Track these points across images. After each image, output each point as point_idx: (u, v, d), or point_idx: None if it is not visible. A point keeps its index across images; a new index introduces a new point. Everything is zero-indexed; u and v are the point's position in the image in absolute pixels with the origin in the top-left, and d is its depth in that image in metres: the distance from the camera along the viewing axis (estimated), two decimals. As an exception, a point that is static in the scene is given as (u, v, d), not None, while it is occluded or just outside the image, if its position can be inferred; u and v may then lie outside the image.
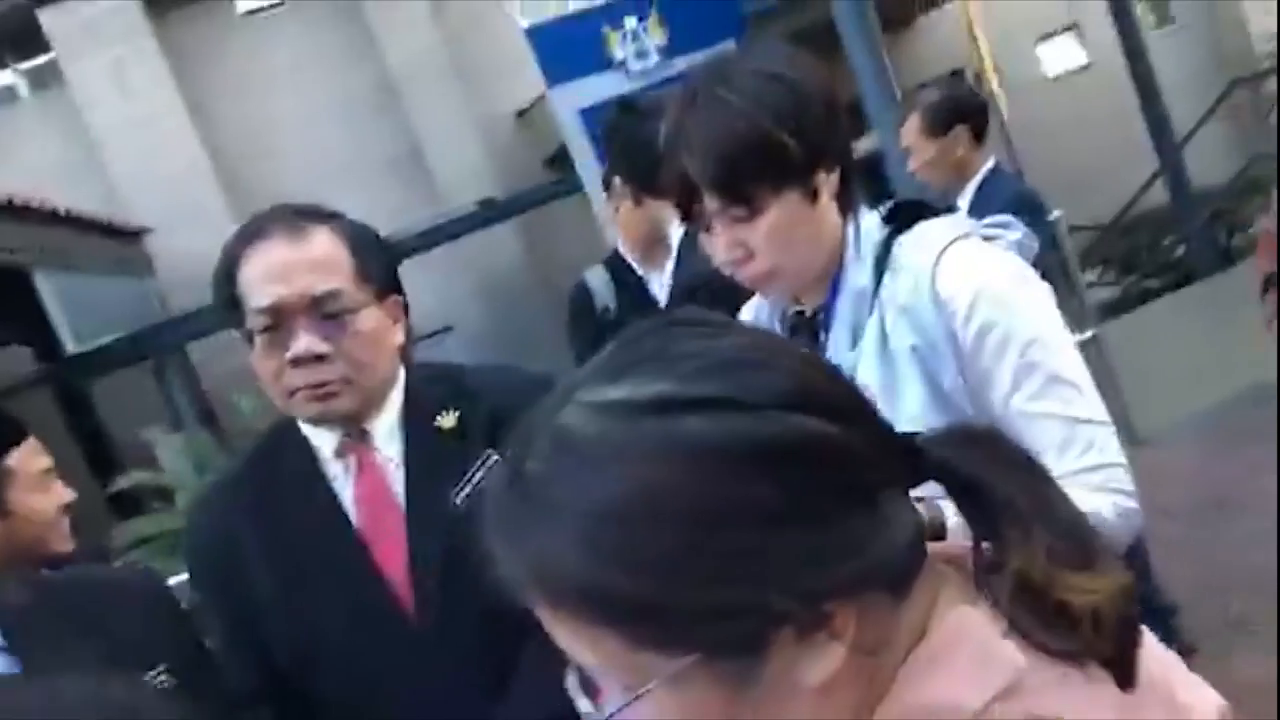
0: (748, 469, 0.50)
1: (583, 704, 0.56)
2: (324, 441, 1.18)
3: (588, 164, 4.13)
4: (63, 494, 1.77)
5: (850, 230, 1.11)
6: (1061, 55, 9.05)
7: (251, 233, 1.14)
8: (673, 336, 0.56)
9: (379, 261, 1.18)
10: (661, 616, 0.50)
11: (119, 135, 7.79)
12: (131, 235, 7.44)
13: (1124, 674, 0.56)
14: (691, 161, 1.06)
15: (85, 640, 1.01)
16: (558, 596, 0.52)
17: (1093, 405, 1.01)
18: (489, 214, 7.10)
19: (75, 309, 6.65)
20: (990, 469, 0.58)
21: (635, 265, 3.02)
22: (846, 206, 1.10)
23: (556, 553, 0.51)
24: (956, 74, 6.68)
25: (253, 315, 1.11)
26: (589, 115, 4.17)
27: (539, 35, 4.24)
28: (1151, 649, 0.59)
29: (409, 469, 1.16)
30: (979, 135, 2.60)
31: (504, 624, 0.76)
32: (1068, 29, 8.93)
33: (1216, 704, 0.60)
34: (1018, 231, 1.13)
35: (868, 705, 0.55)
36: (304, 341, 1.10)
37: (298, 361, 1.09)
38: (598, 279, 2.81)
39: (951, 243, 1.07)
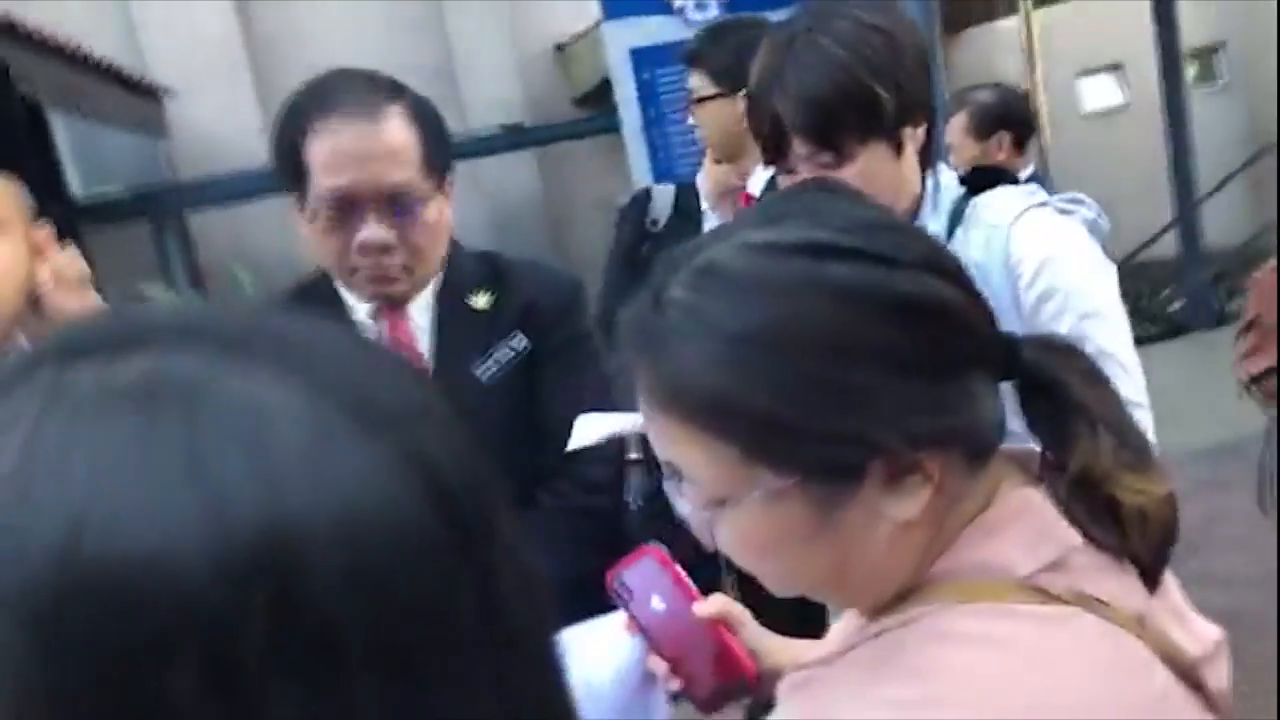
0: (881, 315, 0.57)
1: (682, 506, 0.62)
2: (359, 302, 1.22)
3: (630, 103, 4.15)
4: (96, 304, 1.80)
5: (930, 184, 1.16)
6: (1101, 92, 9.08)
7: (323, 102, 1.14)
8: (826, 198, 0.63)
9: (442, 145, 1.20)
10: (781, 434, 0.57)
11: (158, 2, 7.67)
12: (151, 94, 7.35)
13: (1152, 576, 0.63)
14: (785, 106, 1.10)
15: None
16: (690, 407, 0.58)
17: (1137, 387, 1.07)
18: (513, 139, 7.08)
19: (85, 157, 6.59)
20: (1069, 374, 0.64)
21: (704, 200, 3.07)
22: (927, 161, 1.15)
23: (697, 368, 0.57)
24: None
25: (320, 194, 1.12)
26: (639, 55, 4.19)
27: (605, -33, 4.23)
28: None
29: (438, 338, 1.20)
30: (1021, 143, 2.66)
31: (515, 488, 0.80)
32: (1111, 68, 8.95)
33: (1216, 632, 0.67)
34: (1092, 211, 1.18)
35: (930, 555, 0.61)
36: (373, 231, 1.12)
37: (364, 248, 1.12)
38: (663, 195, 2.82)
39: (1028, 209, 1.11)
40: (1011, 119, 2.62)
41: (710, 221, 2.40)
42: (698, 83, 1.96)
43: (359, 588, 0.28)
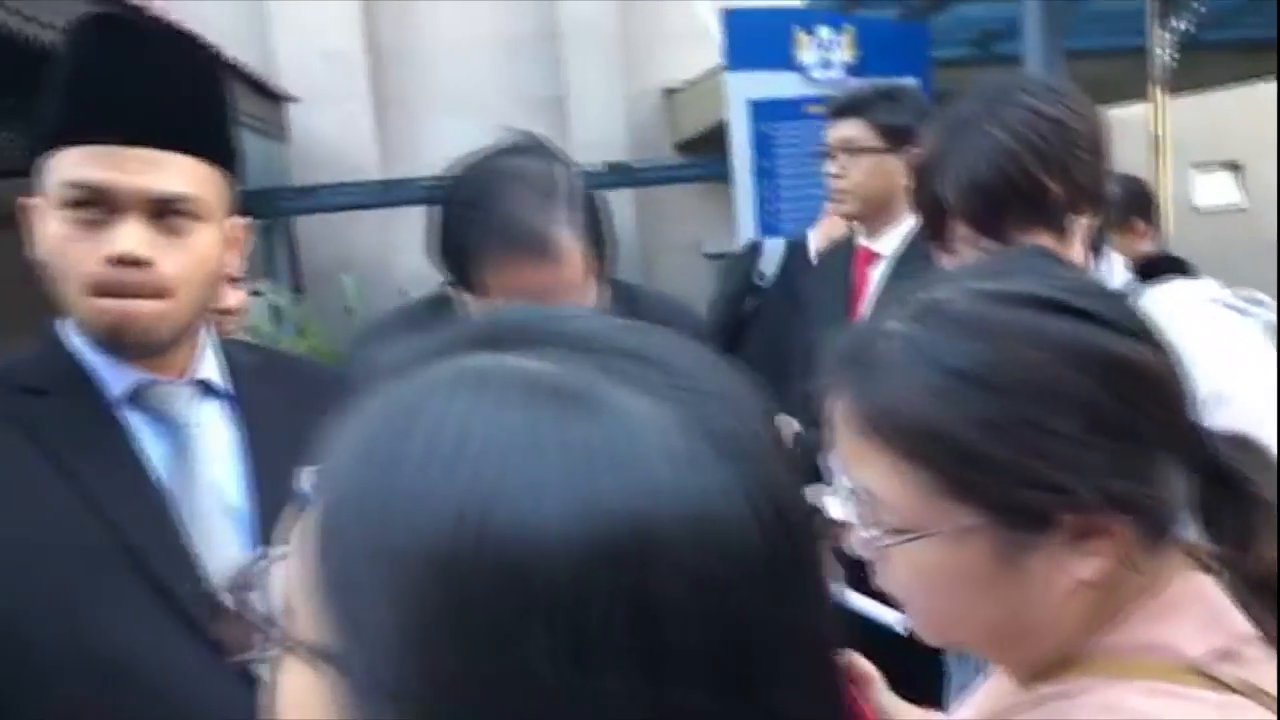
0: (1094, 373, 0.59)
1: (856, 535, 0.63)
2: None
3: (743, 153, 4.20)
4: (238, 298, 1.87)
5: (1101, 270, 1.15)
6: (1216, 189, 8.89)
7: (502, 231, 1.10)
8: (1051, 262, 0.65)
9: (601, 244, 1.17)
10: (982, 470, 0.59)
11: (290, 6, 8.00)
12: (277, 100, 7.66)
13: None
14: (947, 189, 1.10)
15: (292, 411, 1.10)
16: (895, 433, 0.60)
17: None
18: (615, 177, 7.20)
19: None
20: (1256, 471, 0.65)
21: (814, 258, 3.10)
22: (1095, 247, 1.14)
23: (910, 395, 0.60)
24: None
25: (484, 300, 1.12)
26: (757, 107, 4.24)
27: (732, 18, 4.31)
28: None
29: None
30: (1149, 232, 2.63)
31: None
32: (1228, 166, 8.77)
33: None
34: (1271, 312, 1.14)
35: (1096, 626, 0.62)
36: None
37: None
38: (774, 249, 2.85)
39: (1202, 304, 1.09)
40: (1140, 207, 2.60)
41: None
42: (859, 134, 1.97)
43: (704, 593, 0.31)
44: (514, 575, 0.30)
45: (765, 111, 4.25)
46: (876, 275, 2.01)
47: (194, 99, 0.98)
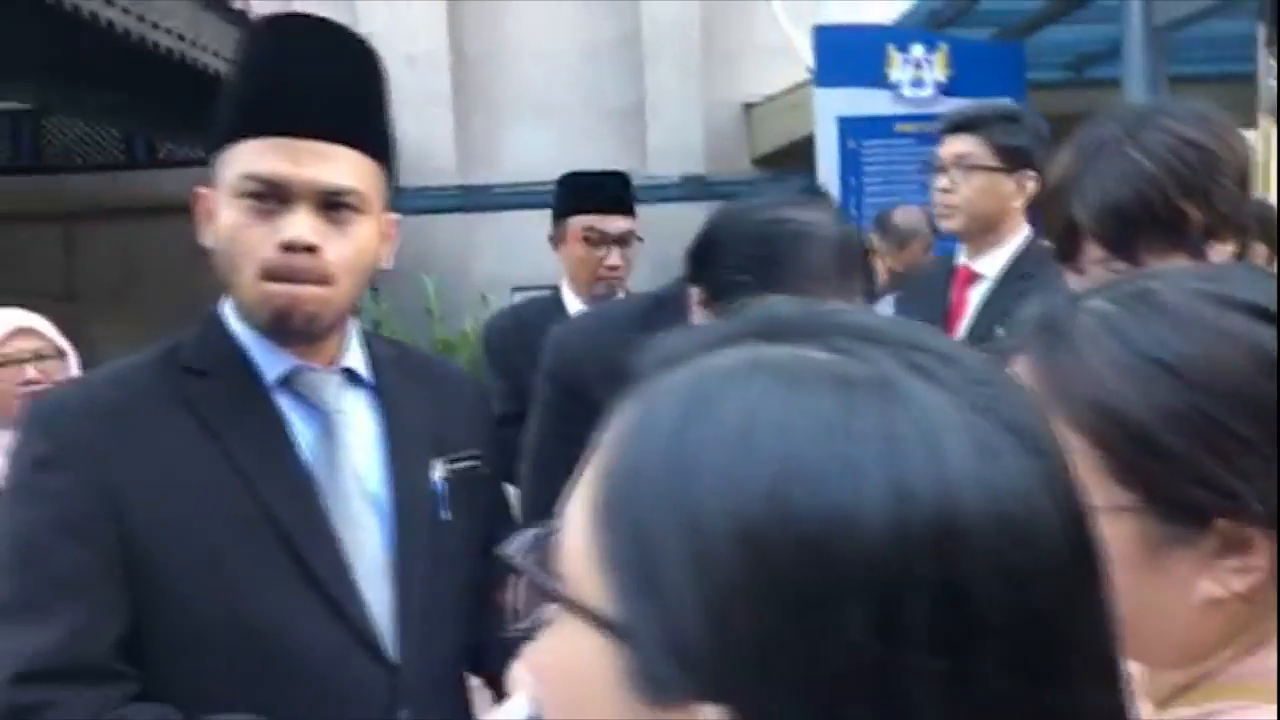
0: None
1: None
2: None
3: (830, 170, 4.19)
4: None
5: None
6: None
7: (813, 271, 1.14)
8: (1265, 275, 0.64)
9: None
10: (1153, 457, 0.59)
11: (380, 9, 8.17)
12: (362, 101, 7.83)
13: None
14: (1082, 210, 1.08)
15: (427, 405, 1.13)
16: (1074, 405, 0.61)
17: None
18: (691, 189, 7.22)
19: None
20: None
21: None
22: None
23: (1099, 371, 0.61)
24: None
25: None
26: (846, 124, 4.23)
27: (824, 35, 4.31)
28: None
29: None
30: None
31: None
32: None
33: None
34: None
35: (1238, 647, 0.60)
36: None
37: None
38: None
39: None
40: (1267, 234, 2.54)
41: (881, 308, 2.41)
42: (974, 150, 1.95)
43: (1006, 580, 0.32)
44: (821, 551, 0.31)
45: (853, 128, 4.24)
46: (976, 296, 1.99)
47: (360, 96, 1.02)
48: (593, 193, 2.44)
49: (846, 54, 4.25)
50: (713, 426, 0.34)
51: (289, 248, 0.96)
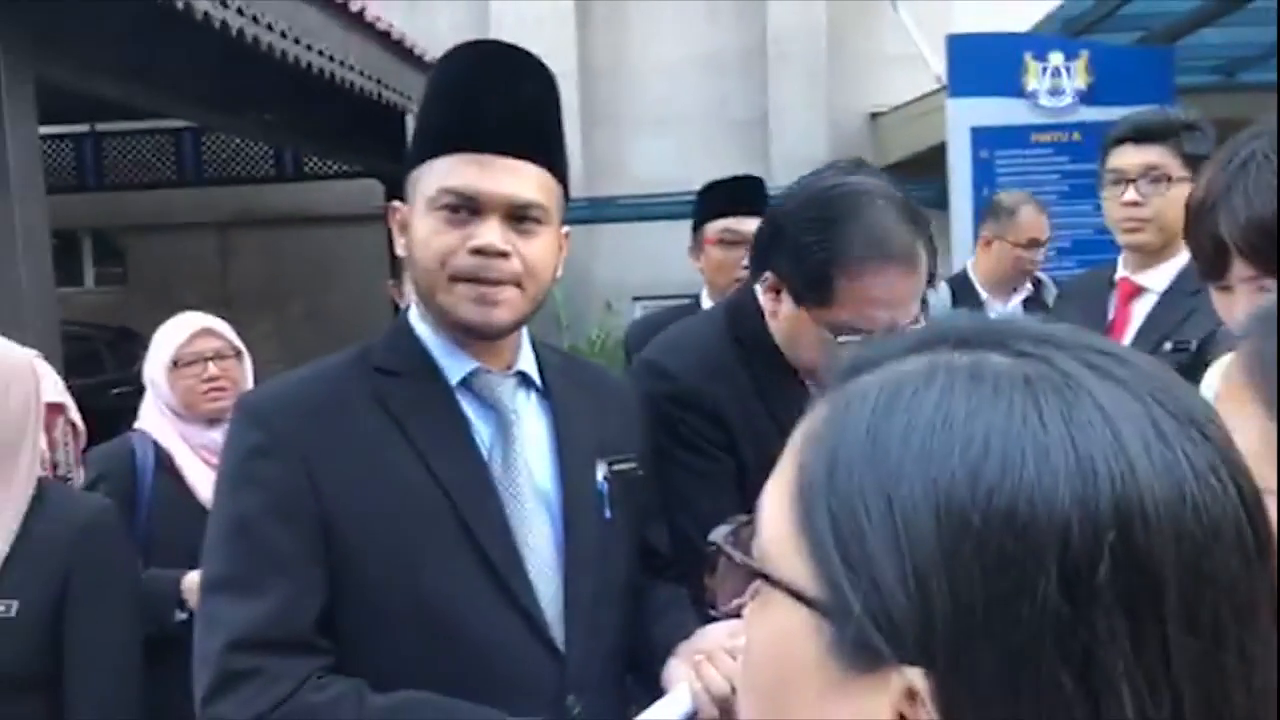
0: None
1: None
2: None
3: (962, 180, 4.13)
4: None
5: None
6: None
7: (877, 244, 1.20)
8: None
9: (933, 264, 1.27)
10: None
11: (511, 20, 8.40)
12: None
13: None
14: (1230, 228, 1.06)
15: (590, 409, 1.19)
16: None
17: None
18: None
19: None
20: None
21: (980, 290, 3.06)
22: None
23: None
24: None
25: (845, 320, 1.21)
26: (979, 134, 4.16)
27: (957, 44, 4.25)
28: None
29: None
30: None
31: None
32: None
33: None
34: None
35: None
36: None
37: None
38: (934, 296, 2.91)
39: None
40: None
41: (992, 311, 2.35)
42: (1166, 161, 1.87)
43: (1182, 551, 0.36)
44: (1015, 523, 0.35)
45: (987, 139, 4.16)
46: (1141, 310, 1.93)
47: (543, 116, 1.09)
48: (727, 196, 2.50)
49: (981, 63, 4.18)
50: (909, 416, 0.39)
51: (481, 252, 1.04)
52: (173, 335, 2.16)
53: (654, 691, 1.10)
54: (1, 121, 3.83)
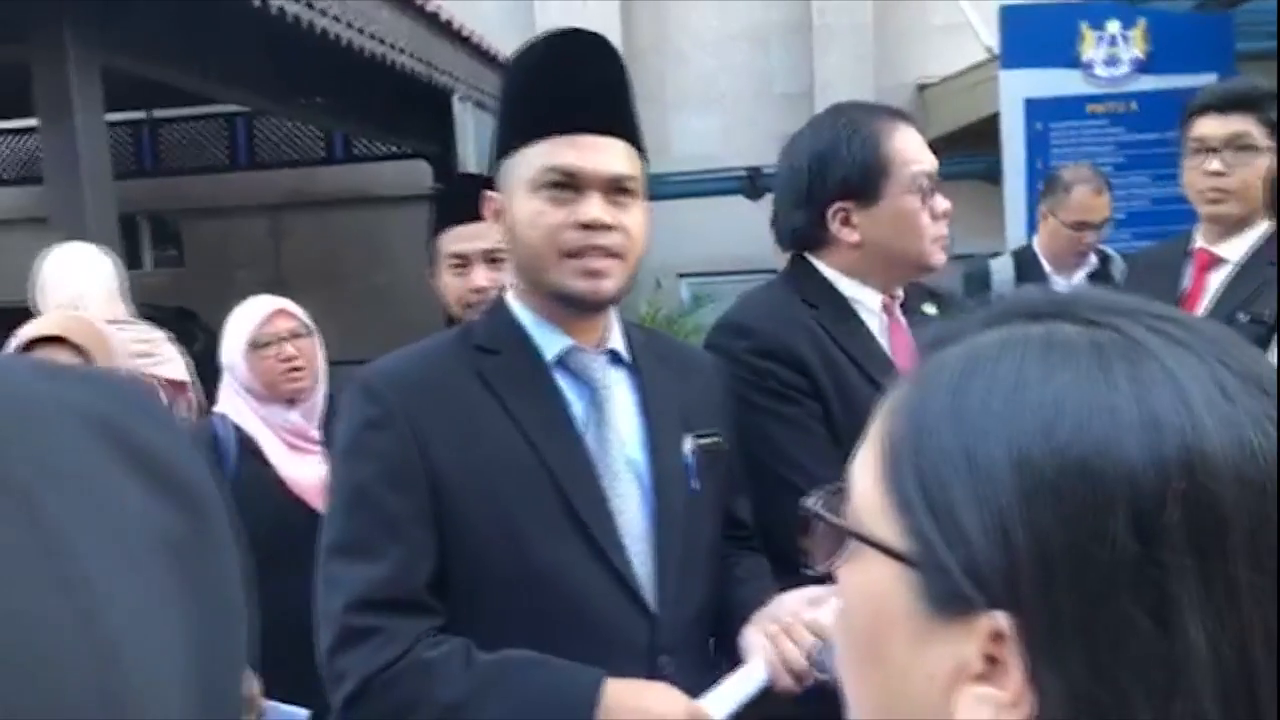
0: None
1: None
2: (867, 296, 1.43)
3: (1016, 153, 4.10)
4: (489, 277, 1.95)
5: None
6: None
7: (892, 116, 1.46)
8: None
9: None
10: None
11: (554, 6, 8.41)
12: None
13: None
14: None
15: (676, 384, 1.24)
16: None
17: None
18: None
19: (482, 145, 7.35)
20: None
21: (1044, 264, 3.05)
22: None
23: None
24: None
25: (909, 180, 1.41)
26: (1033, 106, 4.12)
27: (1010, 14, 4.20)
28: None
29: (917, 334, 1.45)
30: None
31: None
32: None
33: None
34: None
35: None
36: (939, 202, 1.41)
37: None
38: (1002, 265, 2.94)
39: None
40: None
41: (1054, 283, 2.36)
42: (1253, 130, 1.86)
43: (1244, 494, 0.39)
44: (1088, 473, 0.39)
45: (1041, 110, 4.12)
46: (1216, 280, 1.93)
47: (623, 94, 1.15)
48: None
49: (1035, 33, 4.14)
50: (988, 383, 0.42)
51: (588, 226, 1.09)
52: (249, 318, 2.20)
53: (732, 654, 1.16)
54: (71, 110, 3.95)
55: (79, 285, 2.36)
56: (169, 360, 2.41)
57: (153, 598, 0.28)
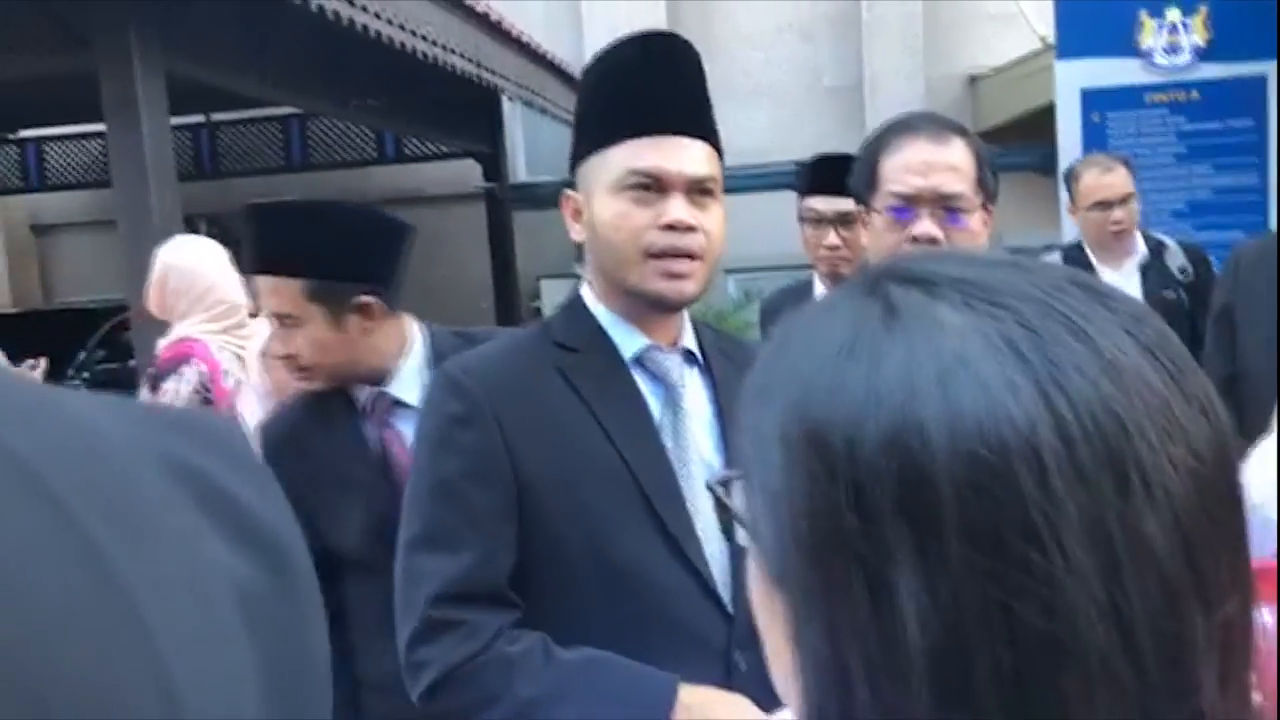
0: None
1: None
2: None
3: (1072, 145, 4.04)
4: None
5: None
6: None
7: (902, 128, 1.38)
8: None
9: (990, 177, 1.37)
10: None
11: (599, 5, 8.43)
12: (586, 91, 8.12)
13: None
14: None
15: (742, 382, 1.26)
16: None
17: None
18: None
19: (530, 144, 7.42)
20: None
21: (1092, 257, 3.03)
22: None
23: None
24: None
25: (888, 196, 1.34)
26: (1090, 97, 4.07)
27: (1068, 4, 4.15)
28: None
29: None
30: None
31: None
32: None
33: None
34: None
35: None
36: (926, 226, 1.32)
37: (916, 240, 1.32)
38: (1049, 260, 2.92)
39: None
40: None
41: (1104, 276, 2.33)
42: None
43: (956, 466, 0.37)
44: (823, 449, 0.38)
45: (1099, 101, 4.07)
46: None
47: (702, 95, 1.17)
48: (810, 174, 2.54)
49: (1092, 22, 4.08)
50: (783, 352, 0.43)
51: (672, 227, 1.11)
52: (262, 329, 2.25)
53: None
54: (138, 114, 4.05)
55: (213, 274, 2.39)
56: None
57: (220, 648, 0.26)
